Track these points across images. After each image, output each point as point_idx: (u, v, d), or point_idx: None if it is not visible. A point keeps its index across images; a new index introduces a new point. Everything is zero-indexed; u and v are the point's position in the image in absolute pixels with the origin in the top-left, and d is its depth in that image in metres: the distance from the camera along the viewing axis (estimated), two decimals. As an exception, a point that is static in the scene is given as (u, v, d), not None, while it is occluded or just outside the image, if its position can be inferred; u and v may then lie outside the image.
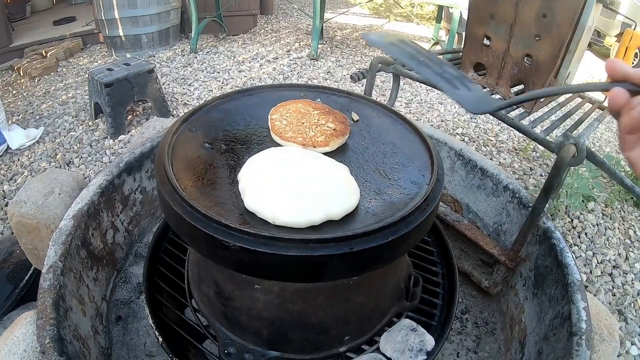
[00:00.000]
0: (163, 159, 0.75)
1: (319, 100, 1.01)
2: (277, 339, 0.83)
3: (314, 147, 0.82)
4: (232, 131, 0.87)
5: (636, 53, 5.51)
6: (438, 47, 4.13)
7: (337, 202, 0.69)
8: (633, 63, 5.44)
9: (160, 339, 0.92)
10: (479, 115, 3.11)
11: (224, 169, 0.77)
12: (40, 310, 0.99)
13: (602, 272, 1.91)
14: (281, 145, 0.84)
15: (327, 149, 0.83)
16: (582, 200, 2.13)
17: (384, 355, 0.89)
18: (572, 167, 1.86)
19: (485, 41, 1.58)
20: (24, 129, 2.78)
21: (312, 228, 0.66)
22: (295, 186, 0.69)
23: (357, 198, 0.73)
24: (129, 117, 2.90)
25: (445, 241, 1.18)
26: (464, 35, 1.73)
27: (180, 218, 0.65)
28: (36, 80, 3.57)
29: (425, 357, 0.90)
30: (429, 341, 0.92)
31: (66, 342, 0.99)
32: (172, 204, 0.66)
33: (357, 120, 0.96)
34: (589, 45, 5.83)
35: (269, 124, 0.89)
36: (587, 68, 4.52)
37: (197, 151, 0.81)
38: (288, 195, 0.68)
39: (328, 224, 0.68)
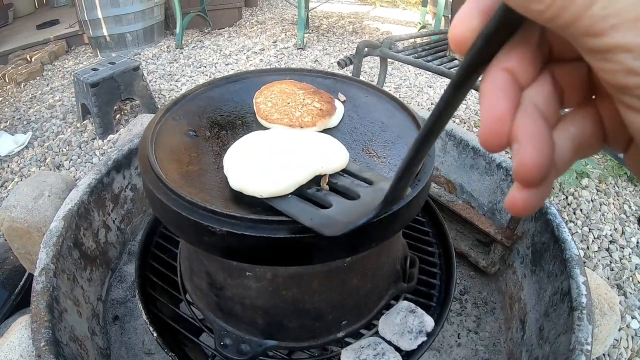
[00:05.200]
0: (146, 149, 0.73)
1: (304, 82, 0.99)
2: (273, 327, 0.82)
3: (301, 127, 0.80)
4: (216, 118, 0.86)
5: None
6: (425, 31, 4.11)
7: (322, 157, 0.66)
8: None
9: (155, 335, 0.91)
10: (468, 97, 3.09)
11: (209, 155, 0.75)
12: (34, 314, 0.98)
13: (599, 247, 1.91)
14: (267, 129, 0.82)
15: (315, 129, 0.81)
16: (576, 177, 2.12)
17: (383, 338, 0.88)
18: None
19: (472, 19, 1.57)
20: (12, 135, 2.75)
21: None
22: (279, 157, 0.66)
23: (343, 149, 0.70)
24: (117, 116, 2.87)
25: (440, 220, 1.17)
26: (450, 18, 1.72)
27: (165, 206, 0.63)
28: (22, 86, 3.53)
29: (425, 338, 0.89)
30: (429, 322, 0.92)
31: (62, 344, 0.97)
32: (156, 193, 0.64)
33: (344, 100, 0.94)
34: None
35: (254, 107, 0.87)
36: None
37: (181, 139, 0.79)
38: (272, 166, 0.65)
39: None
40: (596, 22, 0.20)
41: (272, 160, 0.65)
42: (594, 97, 0.28)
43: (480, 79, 0.27)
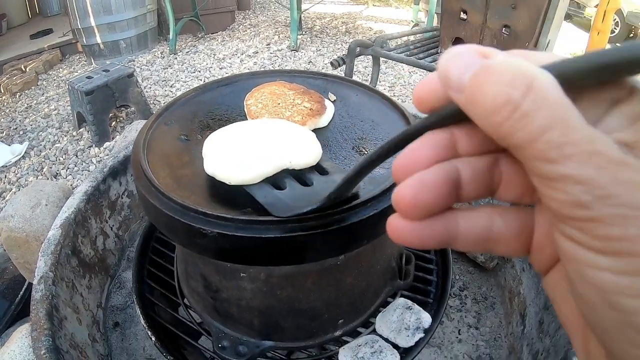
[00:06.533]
0: (139, 155, 0.74)
1: (294, 83, 0.99)
2: (270, 328, 0.82)
3: None
4: (208, 121, 0.86)
5: (617, 22, 5.52)
6: (417, 29, 4.12)
7: (293, 152, 0.68)
8: (613, 32, 5.44)
9: (154, 339, 0.91)
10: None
11: (201, 159, 0.75)
12: (34, 322, 0.98)
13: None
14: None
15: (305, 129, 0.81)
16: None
17: (380, 336, 0.89)
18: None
19: (462, 15, 1.57)
20: (9, 145, 2.76)
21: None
22: (252, 147, 0.68)
23: (317, 146, 0.71)
24: (113, 123, 2.88)
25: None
26: (441, 15, 1.72)
27: (157, 210, 0.63)
28: (17, 96, 3.54)
29: (422, 334, 0.89)
30: (426, 319, 0.92)
31: (63, 352, 0.98)
32: (148, 197, 0.65)
33: (334, 100, 0.95)
34: (570, 17, 5.84)
35: (245, 109, 0.88)
36: (570, 39, 4.52)
37: (173, 144, 0.79)
38: (243, 155, 0.66)
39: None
40: (551, 148, 0.20)
41: (245, 150, 0.68)
42: (531, 205, 0.28)
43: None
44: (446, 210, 0.27)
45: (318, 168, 0.68)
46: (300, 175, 0.66)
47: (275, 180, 0.65)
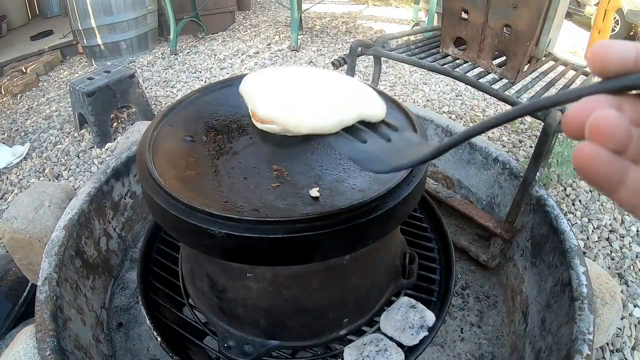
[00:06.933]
0: (144, 156, 0.74)
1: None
2: (275, 327, 0.83)
3: None
4: (212, 122, 0.86)
5: (617, 20, 5.52)
6: (418, 28, 4.13)
7: (366, 102, 0.61)
8: (613, 31, 5.44)
9: (159, 339, 0.91)
10: (464, 93, 3.10)
11: (206, 160, 0.76)
12: (38, 323, 0.99)
13: (599, 237, 1.91)
14: (264, 131, 0.82)
15: None
16: (574, 168, 2.13)
17: (385, 334, 0.89)
18: (560, 135, 1.87)
19: (463, 15, 1.57)
20: (10, 147, 2.76)
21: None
22: (323, 95, 0.61)
23: (384, 103, 0.65)
24: (114, 124, 2.88)
25: (438, 215, 1.17)
26: (442, 14, 1.72)
27: (164, 211, 0.64)
28: (18, 97, 3.54)
29: (426, 333, 0.89)
30: (430, 317, 0.92)
31: (67, 353, 0.98)
32: (155, 198, 0.65)
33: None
34: (570, 15, 5.84)
35: (249, 110, 0.88)
36: (570, 38, 4.52)
37: (178, 145, 0.80)
38: (316, 102, 0.59)
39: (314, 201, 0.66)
40: None
41: (316, 97, 0.61)
42: None
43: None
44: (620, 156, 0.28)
45: (386, 123, 0.61)
46: (375, 129, 0.59)
47: (353, 133, 0.57)
